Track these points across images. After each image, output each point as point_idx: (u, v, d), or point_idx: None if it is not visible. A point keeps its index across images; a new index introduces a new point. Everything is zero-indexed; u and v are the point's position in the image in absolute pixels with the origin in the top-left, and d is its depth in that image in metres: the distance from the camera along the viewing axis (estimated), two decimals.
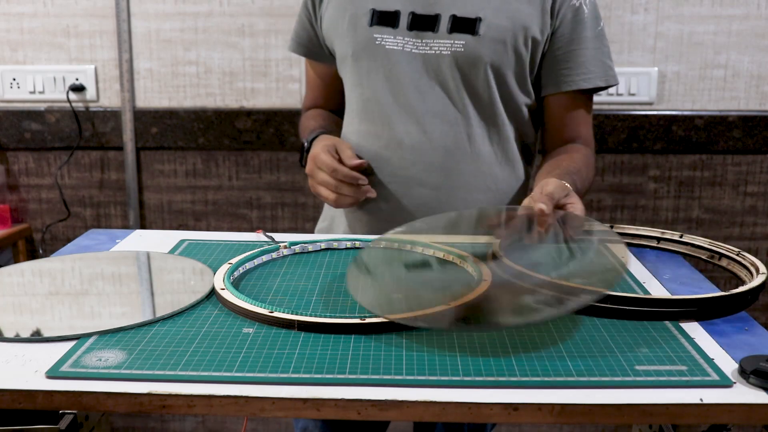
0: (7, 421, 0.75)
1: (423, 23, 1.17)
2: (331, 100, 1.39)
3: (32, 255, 2.07)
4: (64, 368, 0.69)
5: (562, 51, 1.20)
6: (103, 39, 1.96)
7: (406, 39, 1.18)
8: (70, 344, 0.74)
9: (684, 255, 1.07)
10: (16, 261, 2.03)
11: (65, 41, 1.97)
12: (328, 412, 0.65)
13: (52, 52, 1.97)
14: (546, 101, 1.25)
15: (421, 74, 1.18)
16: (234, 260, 0.97)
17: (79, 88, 1.98)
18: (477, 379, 0.68)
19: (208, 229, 2.06)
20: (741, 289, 0.85)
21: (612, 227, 1.13)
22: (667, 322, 0.81)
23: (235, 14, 1.93)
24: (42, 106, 2.00)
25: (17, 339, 0.75)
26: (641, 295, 0.84)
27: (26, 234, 2.05)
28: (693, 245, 1.06)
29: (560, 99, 1.23)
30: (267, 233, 1.12)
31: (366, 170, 1.17)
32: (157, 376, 0.68)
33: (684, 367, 0.71)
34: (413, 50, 1.18)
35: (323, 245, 1.07)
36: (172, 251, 1.07)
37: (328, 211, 1.35)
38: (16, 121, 2.00)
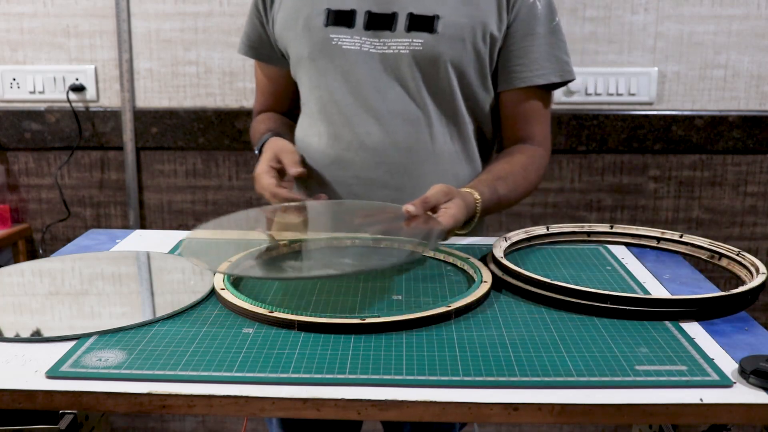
0: (7, 421, 0.75)
1: (380, 22, 1.16)
2: (281, 103, 1.36)
3: (32, 255, 2.07)
4: (64, 368, 0.69)
5: (516, 47, 1.19)
6: (103, 39, 1.96)
7: (363, 39, 1.16)
8: (70, 344, 0.74)
9: (684, 255, 1.07)
10: (16, 261, 2.03)
11: (65, 41, 1.97)
12: (328, 412, 0.65)
13: (52, 52, 1.97)
14: (501, 98, 1.23)
15: (381, 74, 1.16)
16: (233, 259, 0.97)
17: (79, 88, 1.98)
18: (477, 379, 0.68)
19: None
20: (741, 289, 0.85)
21: (612, 227, 1.13)
22: (667, 322, 0.81)
23: (235, 14, 1.93)
24: (42, 106, 2.00)
25: (17, 339, 0.75)
26: (641, 295, 0.84)
27: (26, 234, 2.05)
28: (693, 245, 1.06)
29: (514, 96, 1.21)
30: (267, 232, 1.12)
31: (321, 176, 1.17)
32: (157, 376, 0.68)
33: (684, 367, 0.71)
34: (371, 50, 1.16)
35: (323, 244, 1.07)
36: (172, 251, 1.07)
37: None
38: (16, 121, 1.99)
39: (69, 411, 0.81)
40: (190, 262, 1.00)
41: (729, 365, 0.71)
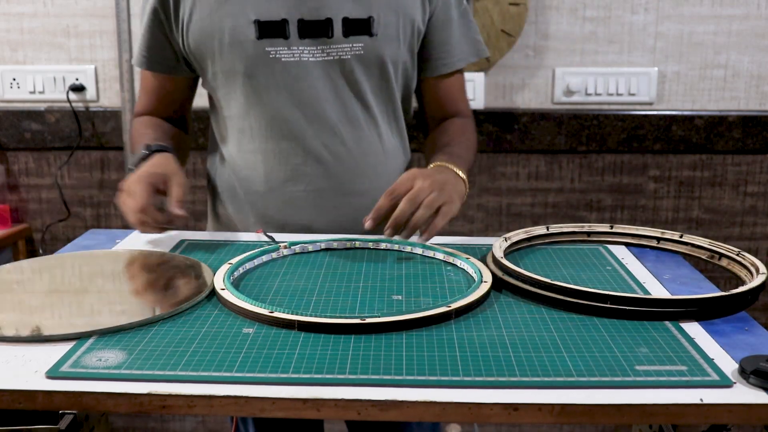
0: (7, 421, 0.75)
1: (315, 30, 1.12)
2: (168, 108, 1.28)
3: (32, 255, 2.07)
4: (64, 368, 0.69)
5: (436, 35, 1.21)
6: (103, 39, 1.96)
7: (301, 48, 1.12)
8: (70, 344, 0.74)
9: (684, 255, 1.07)
10: (16, 261, 2.03)
11: (65, 41, 1.97)
12: (328, 412, 0.65)
13: (52, 52, 1.97)
14: (424, 83, 1.27)
15: (325, 82, 1.14)
16: (234, 260, 0.97)
17: (79, 88, 1.98)
18: (477, 379, 0.68)
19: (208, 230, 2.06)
20: (741, 289, 0.85)
21: (612, 227, 1.13)
22: (667, 322, 0.81)
23: None
24: (42, 106, 2.00)
25: (17, 339, 0.75)
26: (641, 295, 0.84)
27: (26, 234, 2.05)
28: (693, 245, 1.06)
29: (438, 80, 1.26)
30: (267, 233, 1.12)
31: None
32: (157, 376, 0.68)
33: (684, 367, 0.71)
34: (311, 59, 1.13)
35: (323, 245, 1.07)
36: (172, 251, 1.07)
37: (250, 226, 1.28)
38: (16, 121, 2.00)
39: (69, 411, 0.81)
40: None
41: (729, 365, 0.71)
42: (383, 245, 1.07)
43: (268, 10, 1.11)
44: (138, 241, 1.13)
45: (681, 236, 1.08)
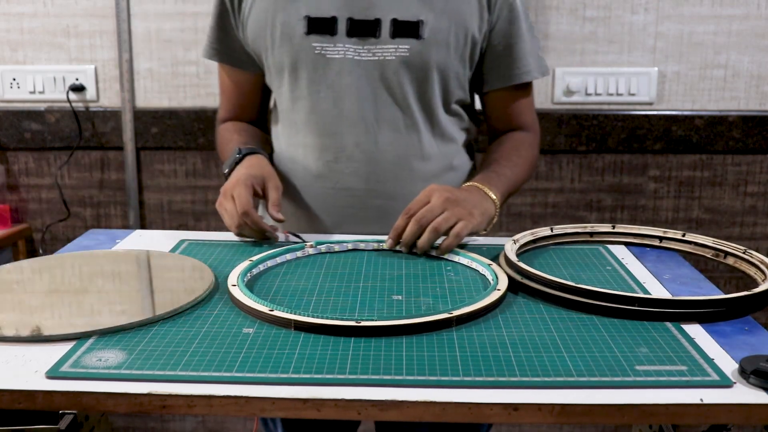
0: (7, 421, 0.75)
1: (363, 29, 1.13)
2: (249, 110, 1.32)
3: (32, 255, 2.07)
4: (64, 368, 0.69)
5: (501, 47, 1.20)
6: (103, 39, 1.96)
7: (347, 46, 1.13)
8: (70, 344, 0.74)
9: (688, 254, 1.07)
10: (16, 261, 2.03)
11: (65, 41, 1.97)
12: (328, 412, 0.65)
13: (52, 52, 1.97)
14: (488, 97, 1.26)
15: (367, 82, 1.15)
16: (255, 257, 0.98)
17: (79, 88, 1.98)
18: (477, 379, 0.68)
19: (208, 229, 2.06)
20: (760, 289, 0.84)
21: (614, 227, 1.13)
22: (667, 322, 0.81)
23: None
24: (42, 106, 2.00)
25: (17, 339, 0.75)
26: (668, 297, 0.84)
27: (26, 234, 2.05)
28: (697, 244, 1.06)
29: (503, 93, 1.24)
30: (294, 233, 1.12)
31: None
32: (157, 376, 0.68)
33: (684, 367, 0.71)
34: (356, 57, 1.14)
35: (350, 246, 1.07)
36: (172, 251, 1.07)
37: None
38: (16, 121, 1.99)
39: (69, 411, 0.81)
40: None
41: (729, 365, 0.71)
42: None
43: (319, 8, 1.14)
44: (138, 241, 1.13)
45: (683, 235, 1.07)
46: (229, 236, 1.15)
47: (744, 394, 0.66)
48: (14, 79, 1.98)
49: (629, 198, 2.02)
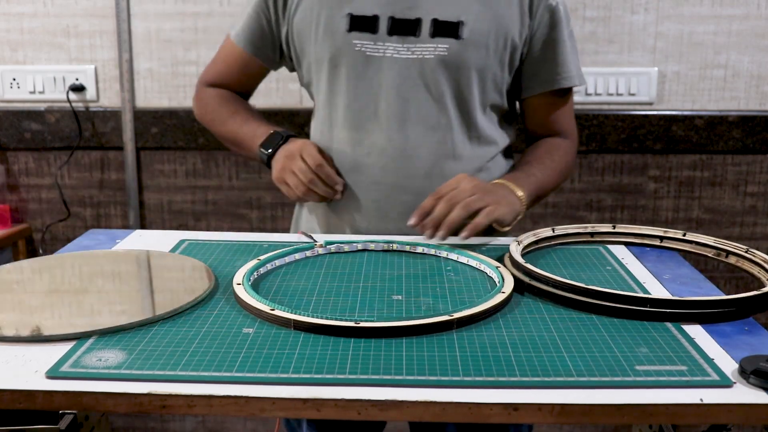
0: (7, 421, 0.75)
1: (404, 28, 1.15)
2: (240, 86, 1.36)
3: (32, 255, 2.07)
4: (64, 368, 0.69)
5: (541, 52, 1.21)
6: (103, 39, 1.96)
7: (387, 44, 1.16)
8: (70, 344, 0.74)
9: (690, 253, 1.06)
10: (16, 261, 2.03)
11: (65, 41, 1.97)
12: (328, 412, 0.65)
13: (52, 52, 1.97)
14: (528, 102, 1.26)
15: (404, 79, 1.16)
16: (263, 256, 0.99)
17: (79, 88, 1.98)
18: (477, 379, 0.68)
19: (208, 229, 2.06)
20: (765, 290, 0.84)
21: (614, 227, 1.13)
22: (667, 322, 0.81)
23: (235, 14, 1.93)
24: (42, 106, 2.00)
25: (17, 339, 0.75)
26: (653, 296, 0.84)
27: (26, 234, 2.05)
28: (698, 243, 1.06)
29: (542, 99, 1.25)
30: (306, 233, 1.12)
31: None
32: (157, 376, 0.68)
33: (684, 367, 0.71)
34: (395, 55, 1.16)
35: (360, 246, 1.08)
36: (172, 251, 1.07)
37: (302, 211, 1.33)
38: (16, 121, 1.99)
39: (69, 411, 0.81)
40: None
41: (729, 365, 0.71)
42: (419, 249, 1.07)
43: (362, 6, 1.16)
44: (138, 241, 1.13)
45: (684, 234, 1.07)
46: (229, 236, 1.15)
47: (744, 394, 0.66)
48: (14, 79, 1.98)
49: (629, 198, 2.02)
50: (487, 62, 1.17)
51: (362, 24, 1.16)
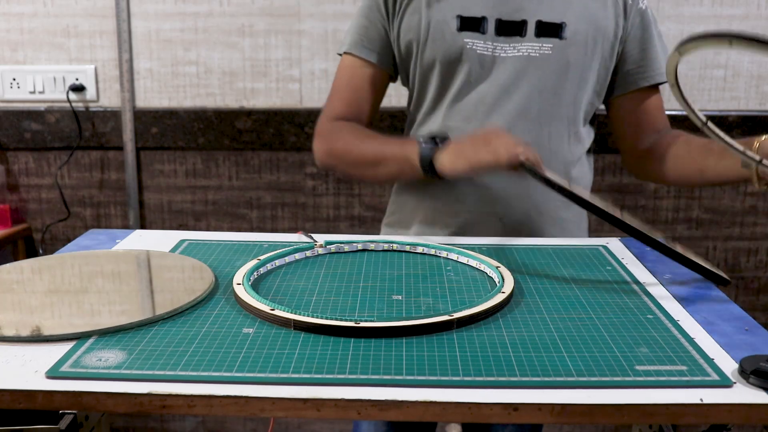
0: (7, 421, 0.75)
1: (510, 29, 1.20)
2: (366, 109, 1.30)
3: (32, 255, 2.07)
4: (64, 368, 0.69)
5: (636, 50, 1.25)
6: (103, 39, 1.97)
7: (495, 44, 1.20)
8: (70, 344, 0.74)
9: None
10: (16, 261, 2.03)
11: (65, 41, 1.97)
12: (328, 412, 0.65)
13: (52, 52, 1.97)
14: (619, 102, 1.29)
15: (509, 75, 1.20)
16: (263, 256, 0.99)
17: (79, 88, 1.98)
18: (477, 379, 0.68)
19: (208, 229, 2.06)
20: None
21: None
22: (667, 322, 0.81)
23: (235, 14, 1.93)
24: (42, 106, 2.00)
25: (17, 339, 0.75)
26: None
27: (26, 234, 2.05)
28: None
29: (636, 95, 1.28)
30: (307, 233, 1.12)
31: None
32: (157, 376, 0.68)
33: (684, 367, 0.71)
34: (502, 54, 1.20)
35: (360, 246, 1.08)
36: (172, 251, 1.07)
37: (397, 206, 1.34)
38: (16, 121, 2.00)
39: (69, 411, 0.81)
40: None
41: (729, 365, 0.71)
42: (419, 249, 1.07)
43: (470, 9, 1.20)
44: (138, 241, 1.13)
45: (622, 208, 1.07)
46: (229, 236, 1.15)
47: (744, 394, 0.66)
48: (14, 79, 1.98)
49: (629, 198, 2.02)
50: (586, 60, 1.22)
51: (471, 24, 1.20)
